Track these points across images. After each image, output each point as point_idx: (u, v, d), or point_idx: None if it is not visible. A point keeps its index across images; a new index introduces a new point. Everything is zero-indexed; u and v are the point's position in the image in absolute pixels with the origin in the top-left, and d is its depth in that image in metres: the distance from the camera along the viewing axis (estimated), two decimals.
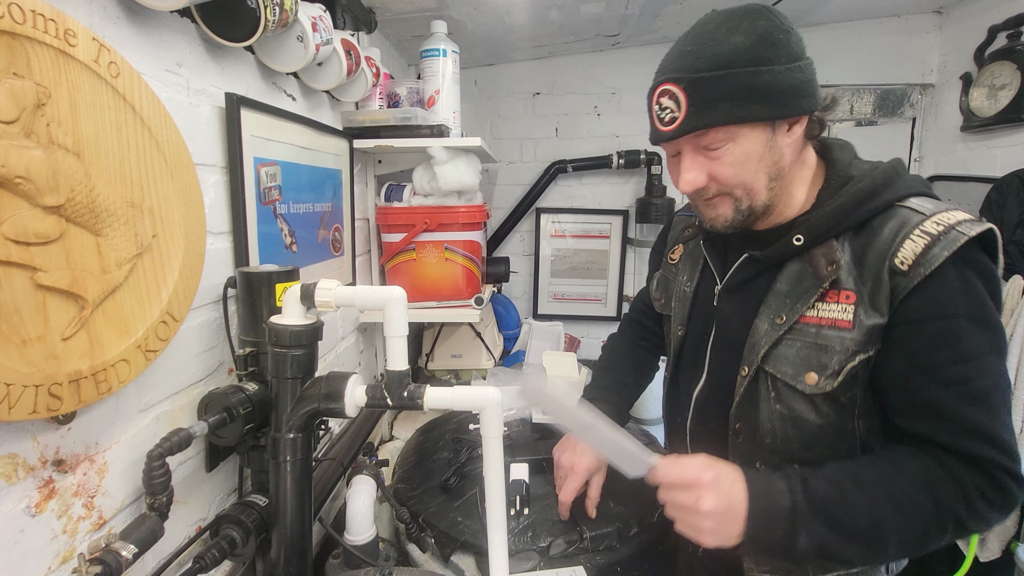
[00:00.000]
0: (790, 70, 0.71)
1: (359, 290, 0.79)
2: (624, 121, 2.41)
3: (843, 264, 0.75)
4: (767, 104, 0.71)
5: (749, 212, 0.79)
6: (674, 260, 1.05)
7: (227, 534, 0.83)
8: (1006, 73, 1.83)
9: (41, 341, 0.58)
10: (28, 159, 0.56)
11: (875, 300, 0.72)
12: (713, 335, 0.91)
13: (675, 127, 0.74)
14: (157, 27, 0.80)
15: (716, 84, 0.70)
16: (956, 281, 0.69)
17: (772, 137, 0.74)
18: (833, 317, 0.75)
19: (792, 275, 0.80)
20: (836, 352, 0.75)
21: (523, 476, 1.14)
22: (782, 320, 0.79)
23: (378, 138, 1.51)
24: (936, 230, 0.70)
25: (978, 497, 0.70)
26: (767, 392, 0.80)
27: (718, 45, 0.71)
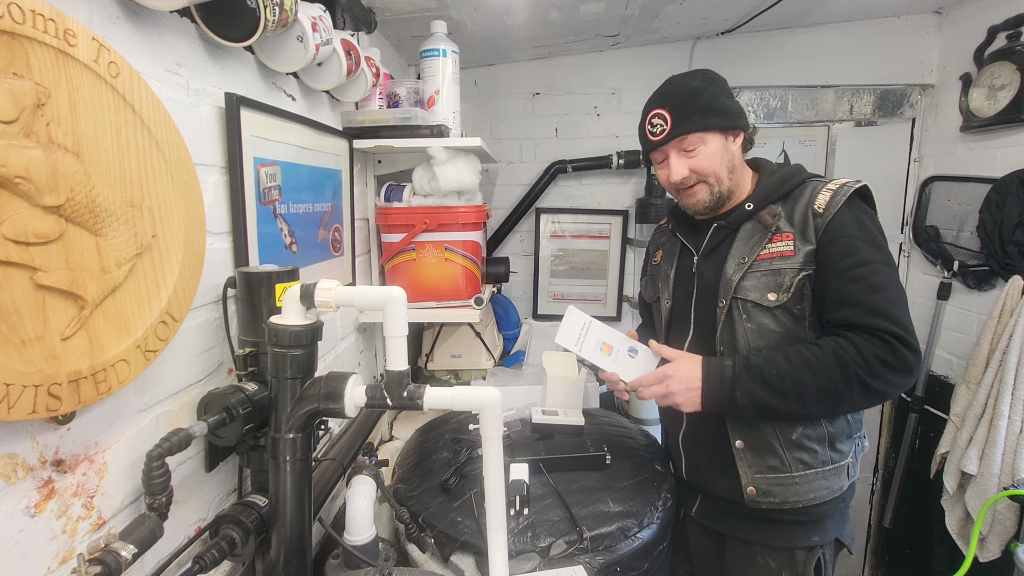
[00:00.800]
0: (731, 100, 1.12)
1: (359, 290, 0.79)
2: (624, 121, 2.41)
3: (782, 216, 1.10)
4: (722, 118, 1.10)
5: (719, 195, 1.14)
6: (656, 261, 1.34)
7: (227, 534, 0.83)
8: (1005, 73, 1.84)
9: (40, 341, 0.58)
10: (28, 159, 0.56)
11: (805, 234, 1.07)
12: (695, 293, 1.20)
13: (664, 135, 1.11)
14: (157, 27, 0.80)
15: (690, 105, 1.09)
16: (850, 217, 1.05)
17: (726, 143, 1.12)
18: (780, 250, 1.08)
19: (747, 231, 1.13)
20: (786, 273, 1.07)
21: (523, 476, 1.15)
22: (744, 260, 1.10)
23: (378, 138, 1.51)
24: (835, 187, 1.08)
25: (877, 361, 0.97)
26: (740, 315, 1.10)
27: (686, 84, 1.11)
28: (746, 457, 1.12)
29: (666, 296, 1.26)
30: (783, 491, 1.10)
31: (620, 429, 1.52)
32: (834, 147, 2.36)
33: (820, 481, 1.10)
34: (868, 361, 0.97)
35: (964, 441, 1.77)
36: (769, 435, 1.10)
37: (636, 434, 1.50)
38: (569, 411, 1.51)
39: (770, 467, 1.10)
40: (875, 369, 0.97)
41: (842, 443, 1.12)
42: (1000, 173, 1.88)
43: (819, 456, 1.10)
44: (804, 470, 1.09)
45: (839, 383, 0.98)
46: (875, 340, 0.98)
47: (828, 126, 2.35)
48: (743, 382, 1.03)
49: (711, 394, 1.06)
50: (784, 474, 1.10)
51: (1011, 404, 1.65)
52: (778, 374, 1.01)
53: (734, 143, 1.13)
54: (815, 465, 1.10)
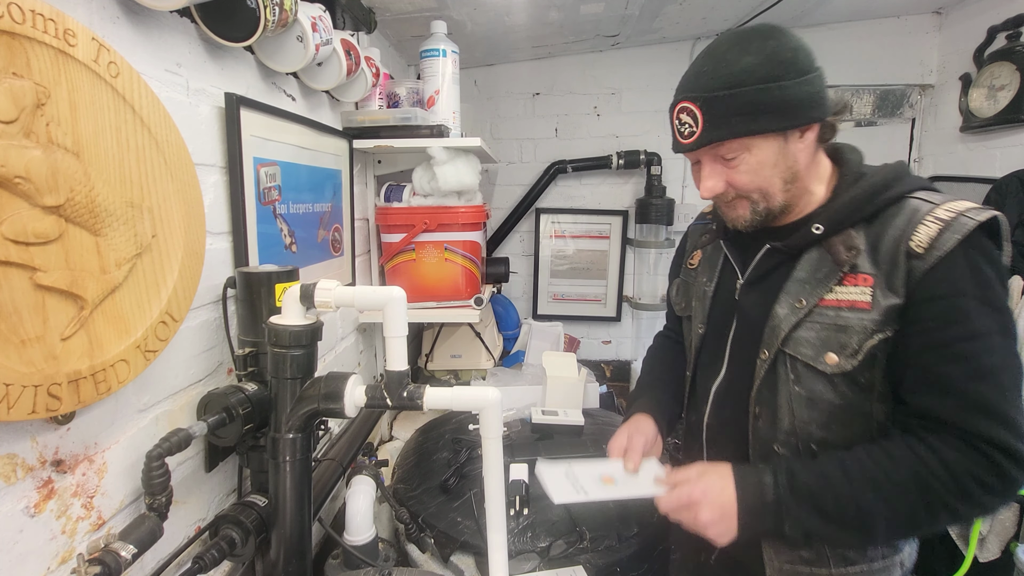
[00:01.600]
0: (798, 84, 0.77)
1: (359, 290, 0.79)
2: (624, 121, 2.41)
3: (861, 251, 0.80)
4: (777, 117, 0.78)
5: (766, 213, 0.86)
6: (693, 265, 1.08)
7: (226, 534, 0.83)
8: (1005, 74, 1.84)
9: (40, 341, 0.58)
10: (27, 159, 0.56)
11: (892, 282, 0.77)
12: (734, 328, 0.94)
13: (693, 140, 0.82)
14: (157, 27, 0.80)
15: (728, 101, 0.77)
16: (965, 263, 0.74)
17: (784, 145, 0.81)
18: (852, 299, 0.79)
19: (811, 262, 0.84)
20: (856, 332, 0.79)
21: (523, 476, 1.15)
22: (802, 304, 0.83)
23: (378, 138, 1.51)
24: (947, 216, 0.75)
25: (974, 485, 0.72)
26: (786, 375, 0.84)
27: (730, 65, 0.78)
28: (773, 544, 0.89)
29: (699, 319, 1.01)
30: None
31: None
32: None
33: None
34: (961, 484, 0.72)
35: None
36: None
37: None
38: (569, 411, 1.51)
39: (803, 559, 0.87)
40: (970, 494, 0.72)
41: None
42: (1000, 173, 1.88)
43: (868, 553, 0.86)
44: (845, 566, 0.86)
45: (919, 513, 0.74)
46: (973, 453, 0.72)
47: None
48: (791, 510, 0.78)
49: (751, 523, 0.80)
50: (820, 568, 0.87)
51: None
52: (835, 500, 0.76)
53: (801, 140, 0.82)
54: (859, 561, 0.86)
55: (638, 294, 2.48)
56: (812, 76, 0.79)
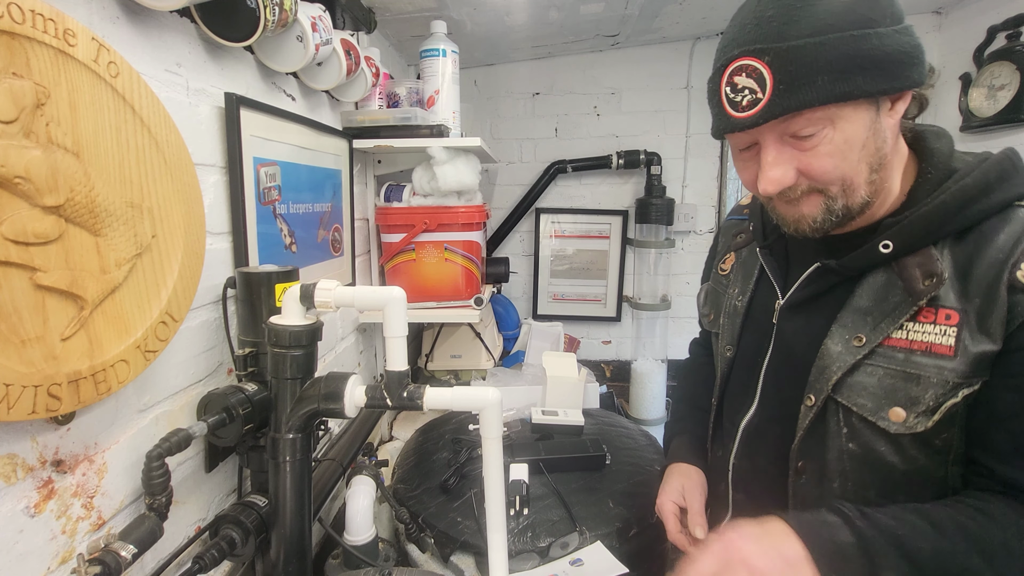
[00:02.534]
0: (897, 32, 0.58)
1: (359, 290, 0.79)
2: (624, 121, 2.41)
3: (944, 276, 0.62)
4: (875, 75, 0.57)
5: (844, 212, 0.65)
6: (725, 271, 0.91)
7: (226, 534, 0.83)
8: (1005, 73, 1.84)
9: (40, 341, 0.58)
10: (27, 159, 0.56)
11: (985, 322, 0.59)
12: (769, 356, 0.78)
13: (758, 111, 0.59)
14: (157, 27, 0.80)
15: (813, 53, 0.56)
16: None
17: (876, 117, 0.61)
18: (929, 341, 0.62)
19: (876, 288, 0.67)
20: (932, 384, 0.61)
21: (523, 476, 1.15)
22: (861, 342, 0.66)
23: (378, 138, 1.51)
24: None
25: None
26: (837, 427, 0.68)
27: (811, 5, 0.57)
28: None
29: (727, 340, 0.86)
30: None
31: (620, 429, 1.52)
32: None
33: None
34: None
35: None
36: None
37: (636, 434, 1.50)
38: (569, 411, 1.51)
39: None
40: None
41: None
42: None
43: None
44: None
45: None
46: None
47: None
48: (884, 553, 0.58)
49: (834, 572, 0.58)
50: None
51: None
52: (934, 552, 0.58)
53: (891, 113, 0.62)
54: None
55: (638, 294, 2.48)
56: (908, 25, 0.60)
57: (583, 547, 1.03)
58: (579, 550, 1.02)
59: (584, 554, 1.01)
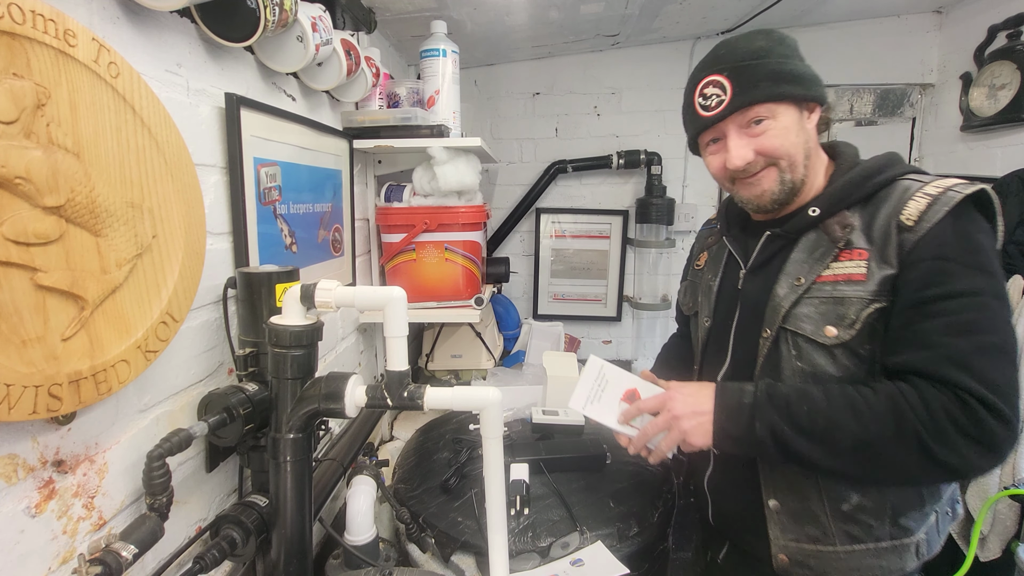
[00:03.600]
0: (804, 64, 0.86)
1: (359, 290, 0.79)
2: (624, 121, 2.41)
3: (855, 228, 0.84)
4: (798, 85, 0.84)
5: (791, 185, 0.88)
6: (700, 266, 1.12)
7: (227, 534, 0.83)
8: (1006, 73, 1.83)
9: (41, 342, 0.58)
10: (28, 159, 0.56)
11: (885, 253, 0.80)
12: (737, 316, 0.97)
13: (723, 108, 0.85)
14: (157, 27, 0.80)
15: (756, 68, 0.83)
16: (952, 231, 0.77)
17: (800, 118, 0.86)
18: (848, 272, 0.83)
19: (808, 244, 0.88)
20: (853, 303, 0.82)
21: (523, 476, 1.15)
22: (800, 282, 0.86)
23: (378, 138, 1.51)
24: (936, 192, 0.79)
25: (948, 421, 0.72)
26: (788, 351, 0.87)
27: (749, 44, 0.85)
28: (780, 521, 0.90)
29: (705, 313, 1.04)
30: (821, 564, 0.88)
31: None
32: None
33: (871, 560, 0.87)
34: (936, 419, 0.72)
35: None
36: (813, 501, 0.88)
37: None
38: (569, 411, 1.51)
39: (809, 536, 0.89)
40: (944, 431, 0.72)
41: (909, 518, 0.86)
42: (1000, 173, 1.88)
43: (873, 531, 0.86)
44: (851, 544, 0.87)
45: (889, 439, 0.74)
46: (951, 396, 0.73)
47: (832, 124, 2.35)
48: (764, 411, 0.81)
49: (725, 423, 0.84)
50: (826, 547, 0.88)
51: None
52: (809, 411, 0.78)
53: (809, 120, 0.88)
54: (866, 540, 0.86)
55: (638, 294, 2.48)
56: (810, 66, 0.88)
57: (583, 547, 1.03)
58: (579, 550, 1.02)
59: (585, 554, 1.01)
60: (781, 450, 0.80)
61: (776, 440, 0.80)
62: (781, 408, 0.80)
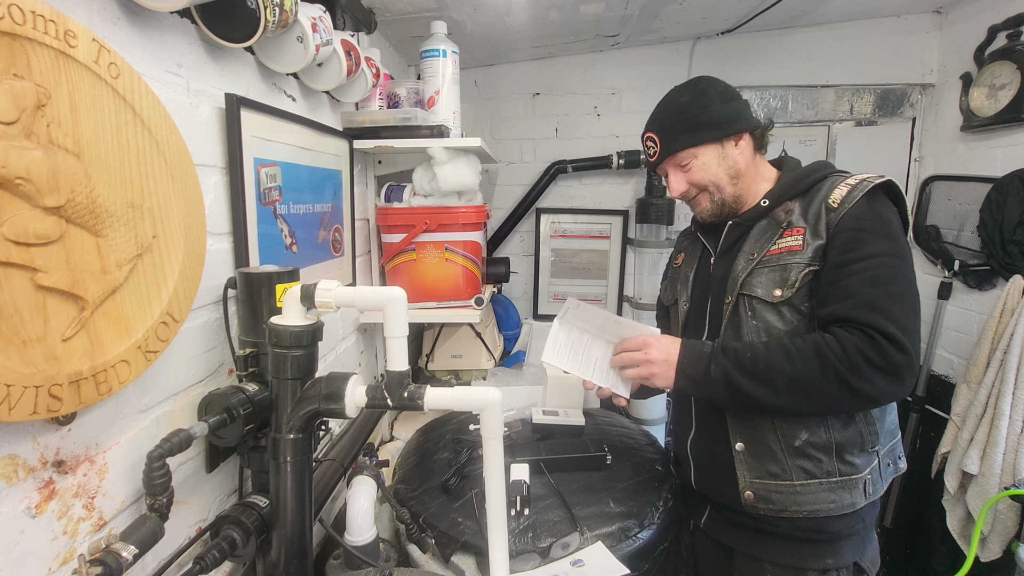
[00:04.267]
0: (721, 107, 1.09)
1: (359, 291, 0.79)
2: (624, 121, 2.41)
3: (795, 212, 1.08)
4: (712, 130, 1.09)
5: (722, 203, 1.14)
6: (677, 264, 1.33)
7: (227, 535, 0.83)
8: (1006, 73, 1.83)
9: (41, 342, 0.58)
10: (28, 160, 0.56)
11: (817, 229, 1.03)
12: (711, 293, 1.17)
13: (655, 158, 1.15)
14: (157, 28, 0.80)
15: (675, 125, 1.11)
16: (865, 209, 1.00)
17: (722, 150, 1.11)
18: (789, 245, 1.05)
19: (760, 228, 1.11)
20: (793, 267, 1.03)
21: (523, 477, 1.15)
22: (753, 256, 1.08)
23: (378, 138, 1.51)
24: (855, 182, 1.03)
25: (860, 357, 0.91)
26: (745, 312, 1.07)
27: (672, 104, 1.13)
28: (746, 460, 1.07)
29: (684, 298, 1.24)
30: (782, 499, 1.04)
31: (621, 429, 1.52)
32: (834, 147, 2.36)
33: (825, 493, 1.03)
34: (850, 356, 0.92)
35: (965, 441, 1.77)
36: (770, 439, 1.05)
37: (637, 434, 1.50)
38: (569, 411, 1.51)
39: (770, 472, 1.05)
40: (857, 366, 0.91)
41: (854, 455, 1.03)
42: (1001, 172, 1.88)
43: (823, 466, 1.03)
44: (806, 479, 1.03)
45: (815, 376, 0.94)
46: (862, 335, 0.92)
47: (828, 126, 2.35)
48: (718, 359, 1.02)
49: (686, 367, 1.05)
50: (784, 481, 1.04)
51: (1012, 404, 1.65)
52: (752, 357, 0.99)
53: (736, 147, 1.10)
54: (818, 475, 1.03)
55: (638, 294, 2.48)
56: (734, 103, 1.10)
57: (584, 547, 1.03)
58: (580, 550, 1.02)
59: (585, 554, 1.01)
60: (729, 388, 1.00)
61: (727, 380, 1.00)
62: (730, 356, 1.01)
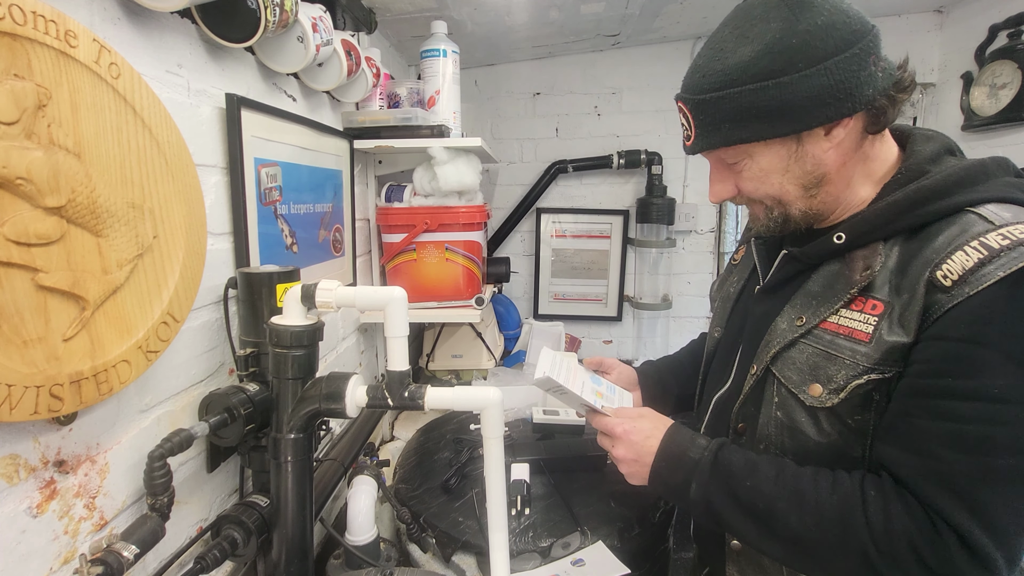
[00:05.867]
0: (807, 77, 0.63)
1: (360, 290, 0.79)
2: (624, 121, 2.41)
3: (880, 270, 0.67)
4: (774, 122, 0.65)
5: (783, 219, 0.75)
6: (736, 262, 1.01)
7: (228, 534, 0.83)
8: (1007, 72, 1.83)
9: (42, 342, 0.58)
10: (29, 160, 0.56)
11: (906, 314, 0.62)
12: (744, 337, 0.85)
13: (690, 145, 0.75)
14: (158, 28, 0.80)
15: (717, 105, 0.67)
16: (1004, 305, 0.57)
17: (798, 148, 0.68)
18: (851, 327, 0.67)
19: (827, 276, 0.73)
20: (845, 365, 0.67)
21: (524, 476, 1.15)
22: (802, 322, 0.72)
23: (378, 138, 1.51)
24: (1000, 244, 0.58)
25: (907, 550, 0.59)
26: (771, 396, 0.75)
27: (724, 59, 0.66)
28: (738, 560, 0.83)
29: (718, 322, 0.95)
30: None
31: None
32: None
33: None
34: (892, 543, 0.59)
35: None
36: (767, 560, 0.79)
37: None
38: (570, 411, 1.51)
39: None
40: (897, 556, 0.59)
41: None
42: None
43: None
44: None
45: (831, 548, 0.63)
46: (924, 521, 0.59)
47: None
48: (703, 476, 0.72)
49: (662, 472, 0.77)
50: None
51: None
52: (752, 488, 0.69)
53: (826, 140, 0.68)
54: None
55: (639, 294, 2.48)
56: (833, 62, 0.62)
57: (584, 547, 1.03)
58: (580, 550, 1.02)
59: (586, 554, 1.01)
60: (710, 516, 0.73)
61: (708, 507, 0.72)
62: (721, 476, 0.72)
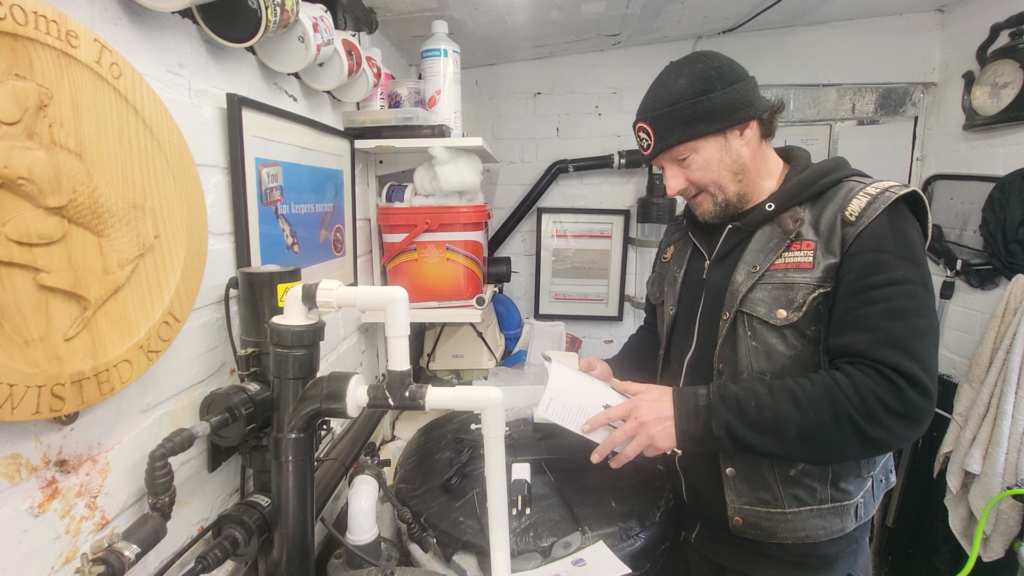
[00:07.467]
0: (725, 93, 0.95)
1: (360, 290, 0.79)
2: (625, 121, 2.40)
3: (805, 222, 0.95)
4: (712, 121, 0.95)
5: (725, 203, 1.02)
6: (667, 259, 1.24)
7: (229, 534, 0.83)
8: (1008, 71, 1.83)
9: (44, 342, 0.59)
10: (30, 160, 0.56)
11: (830, 245, 0.92)
12: (702, 303, 1.07)
13: (650, 152, 1.02)
14: (159, 28, 0.80)
15: (670, 115, 0.97)
16: (888, 226, 0.88)
17: (726, 143, 0.98)
18: (797, 261, 0.94)
19: (764, 236, 0.99)
20: (800, 288, 0.93)
21: (525, 476, 1.15)
22: (756, 269, 0.97)
23: (379, 138, 1.51)
24: (875, 191, 0.91)
25: (878, 404, 0.82)
26: (744, 332, 0.97)
27: (669, 89, 0.97)
28: (735, 486, 1.01)
29: (671, 302, 1.15)
30: (772, 526, 0.99)
31: None
32: (836, 146, 2.36)
33: (816, 520, 0.98)
34: (867, 402, 0.83)
35: (967, 440, 1.77)
36: (764, 468, 0.98)
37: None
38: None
39: (760, 499, 0.99)
40: (875, 413, 0.83)
41: (848, 482, 0.98)
42: (1003, 171, 1.88)
43: (816, 494, 0.97)
44: (797, 507, 0.98)
45: (828, 425, 0.85)
46: (880, 378, 0.83)
47: (830, 125, 2.35)
48: (718, 412, 0.91)
49: (685, 426, 0.93)
50: (775, 509, 0.98)
51: (1015, 403, 1.64)
52: (757, 406, 0.88)
53: (740, 139, 0.98)
54: (810, 503, 0.97)
55: (640, 293, 2.48)
56: (738, 85, 0.95)
57: (585, 547, 1.03)
58: (581, 550, 1.02)
59: (586, 554, 1.01)
60: (736, 444, 0.91)
61: (731, 436, 0.90)
62: (732, 407, 0.90)
